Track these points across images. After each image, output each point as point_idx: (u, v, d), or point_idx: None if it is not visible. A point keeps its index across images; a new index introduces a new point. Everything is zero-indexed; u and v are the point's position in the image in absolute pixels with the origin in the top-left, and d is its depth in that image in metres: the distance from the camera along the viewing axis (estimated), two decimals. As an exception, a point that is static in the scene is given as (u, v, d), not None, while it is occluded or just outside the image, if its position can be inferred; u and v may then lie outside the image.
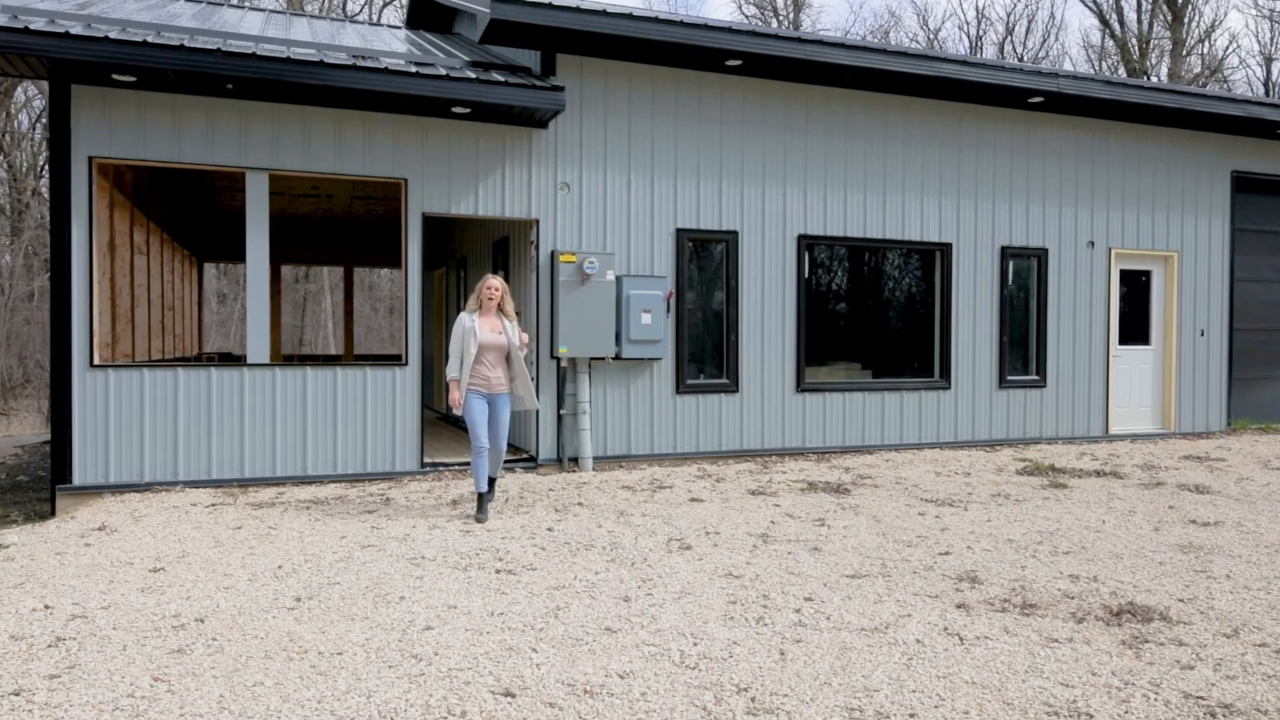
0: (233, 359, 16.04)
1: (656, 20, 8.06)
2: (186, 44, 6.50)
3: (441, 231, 13.65)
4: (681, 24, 8.11)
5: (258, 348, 7.40)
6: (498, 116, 7.93)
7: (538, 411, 8.30)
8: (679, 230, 8.81)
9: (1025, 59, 33.01)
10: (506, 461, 8.37)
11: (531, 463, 8.32)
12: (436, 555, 5.28)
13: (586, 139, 8.43)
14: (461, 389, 6.13)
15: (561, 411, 8.34)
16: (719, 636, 3.93)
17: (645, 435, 8.66)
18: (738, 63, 8.70)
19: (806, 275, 9.45)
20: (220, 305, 29.63)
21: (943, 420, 10.04)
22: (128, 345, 9.11)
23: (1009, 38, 34.35)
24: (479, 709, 3.19)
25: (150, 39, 6.48)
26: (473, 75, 7.38)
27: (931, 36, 35.49)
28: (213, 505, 6.64)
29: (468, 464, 8.18)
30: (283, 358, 16.69)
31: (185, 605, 4.34)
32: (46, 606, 4.33)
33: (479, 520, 6.12)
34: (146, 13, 7.86)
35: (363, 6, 29.35)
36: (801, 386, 9.36)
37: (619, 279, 8.46)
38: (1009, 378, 10.31)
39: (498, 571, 4.95)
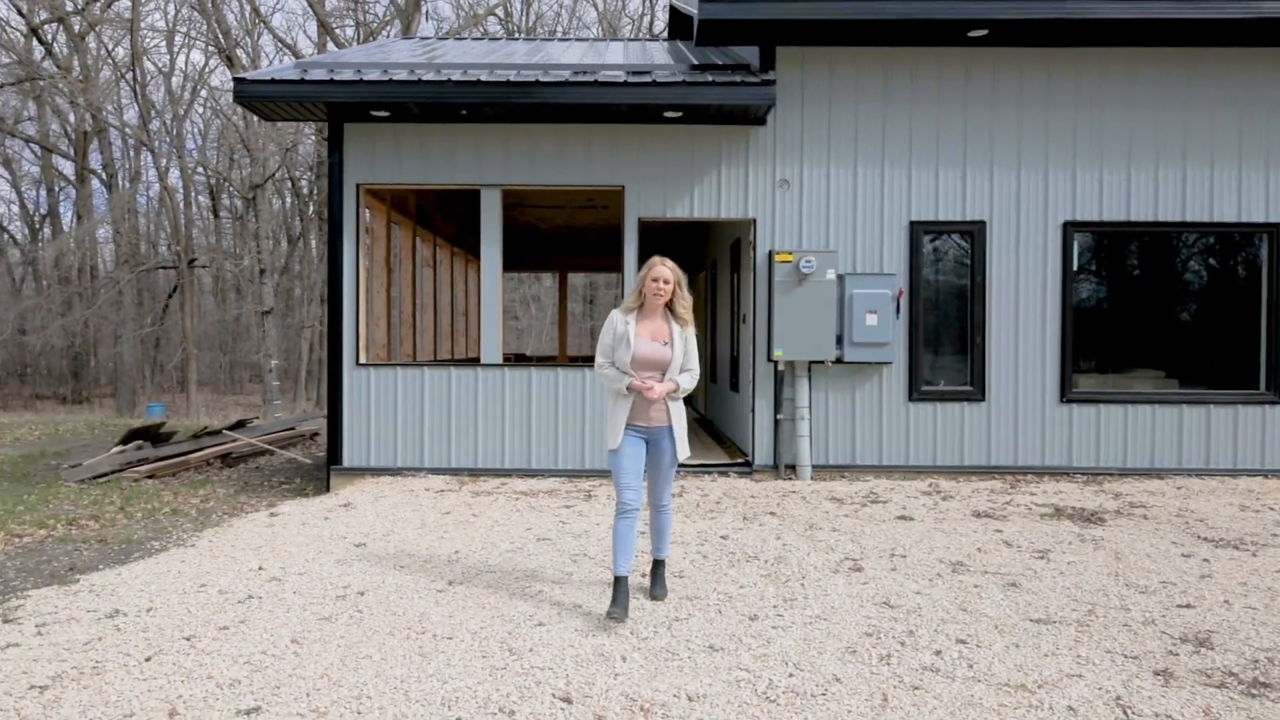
0: (524, 359, 17.67)
1: (883, -2, 7.47)
2: (424, 78, 7.28)
3: (698, 236, 13.87)
4: (912, -2, 7.44)
5: (490, 350, 8.06)
6: (710, 117, 7.86)
7: (753, 415, 8.10)
8: (913, 223, 8.08)
9: None
10: (718, 466, 8.26)
11: (746, 468, 8.13)
12: (597, 554, 5.36)
13: (809, 132, 8.06)
14: (611, 425, 4.29)
15: (779, 416, 8.05)
16: (826, 671, 3.54)
17: (872, 445, 8.06)
18: (982, 33, 7.78)
19: (1074, 267, 8.18)
20: (525, 311, 32.66)
21: (1272, 443, 8.13)
22: (409, 347, 10.40)
23: None
24: (529, 711, 3.18)
25: (397, 77, 7.35)
26: (679, 78, 7.40)
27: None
28: (441, 491, 7.35)
29: (684, 465, 8.21)
30: (568, 359, 18.01)
31: (360, 578, 4.85)
32: (260, 568, 5.08)
33: (612, 617, 4.03)
34: (405, 54, 8.92)
35: (652, 25, 30.77)
36: (1067, 396, 8.12)
37: (841, 278, 7.97)
38: (1371, 391, 8.08)
39: (644, 575, 4.90)
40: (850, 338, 7.90)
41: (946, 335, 8.19)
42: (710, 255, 12.65)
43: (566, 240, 16.42)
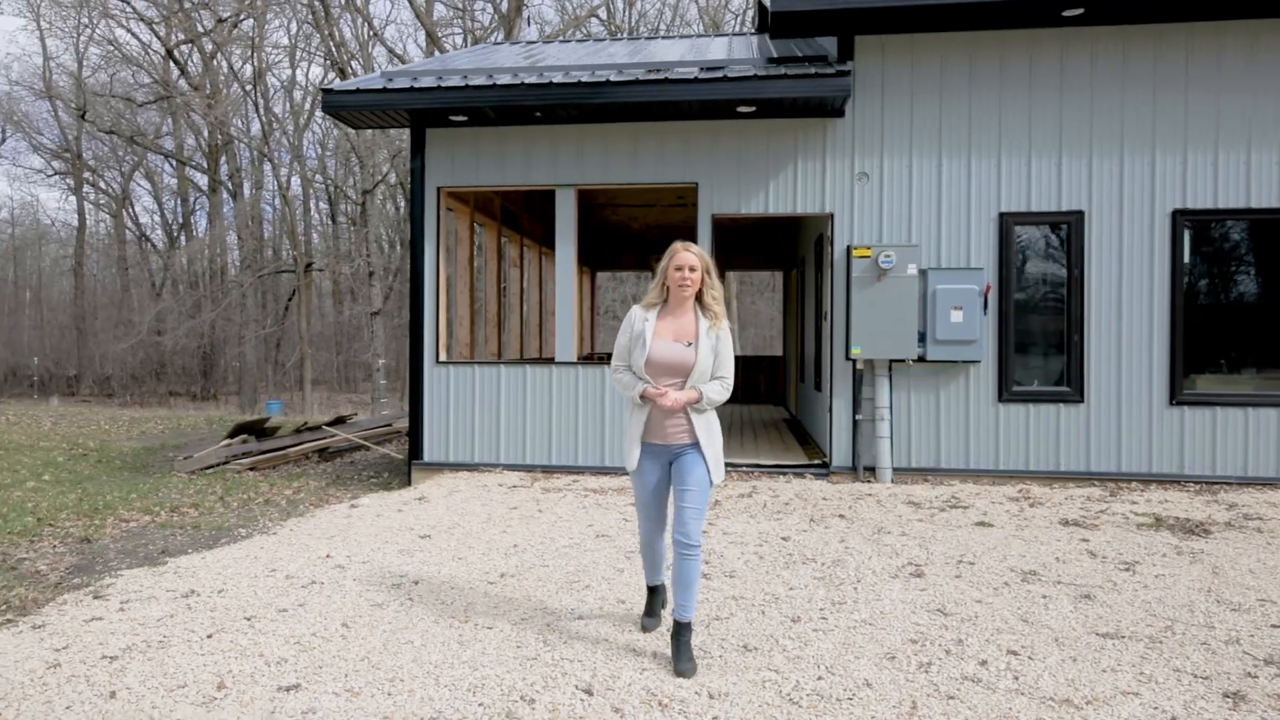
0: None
1: (966, -20, 7.16)
2: (497, 82, 7.43)
3: (789, 233, 13.64)
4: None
5: (565, 347, 8.16)
6: (784, 111, 7.72)
7: (830, 415, 7.90)
8: (1002, 215, 7.70)
9: None
10: (794, 467, 8.09)
11: (823, 469, 7.93)
12: (653, 551, 5.34)
13: (889, 123, 7.80)
14: (626, 440, 3.70)
15: (858, 417, 7.82)
16: (858, 676, 3.41)
17: (958, 447, 7.73)
18: (1078, 11, 7.34)
19: (1185, 259, 7.61)
20: (625, 311, 32.88)
21: None
22: (495, 346, 10.65)
23: None
24: (549, 701, 3.20)
25: (473, 82, 7.54)
26: (750, 73, 7.30)
27: None
28: (514, 487, 7.49)
29: (759, 466, 8.09)
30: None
31: (418, 568, 5.00)
32: (329, 555, 5.31)
33: (644, 628, 3.91)
34: (507, 58, 9.13)
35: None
36: (1177, 398, 7.56)
37: (923, 273, 7.67)
38: None
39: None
40: (933, 335, 7.60)
41: (1040, 332, 7.76)
42: (800, 252, 12.42)
43: (658, 239, 16.47)
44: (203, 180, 32.35)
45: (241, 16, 26.90)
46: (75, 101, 30.45)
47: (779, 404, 16.66)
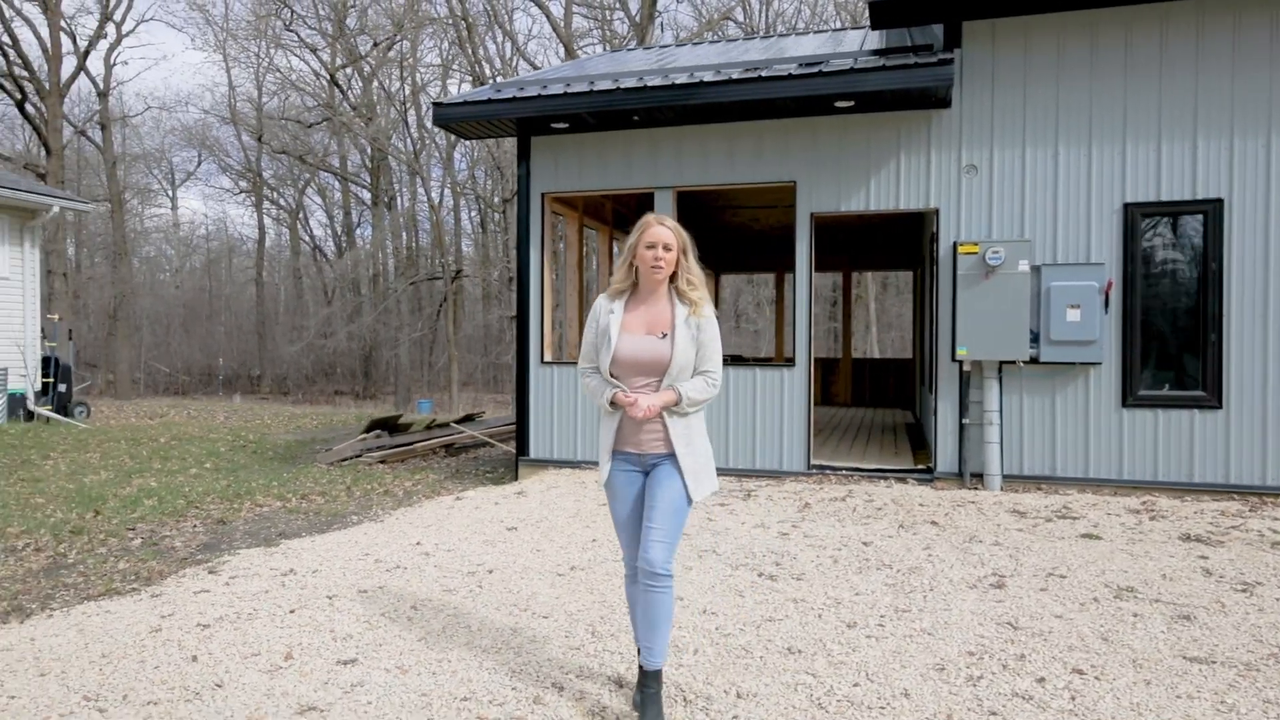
0: (740, 360, 17.66)
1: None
2: (595, 88, 7.62)
3: (912, 230, 13.16)
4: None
5: (664, 348, 8.23)
6: (885, 103, 7.49)
7: (935, 418, 7.59)
8: (1127, 205, 7.16)
9: None
10: (895, 471, 7.81)
11: (928, 475, 7.63)
12: (726, 551, 5.34)
13: (1000, 111, 7.41)
14: (599, 448, 3.23)
15: (964, 421, 7.47)
16: (898, 685, 3.31)
17: (1076, 455, 7.24)
18: (1214, -19, 6.73)
19: (1347, 250, 6.81)
20: (760, 314, 32.53)
21: None
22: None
23: None
24: (580, 688, 3.29)
25: (573, 89, 7.76)
26: (846, 67, 7.13)
27: None
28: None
29: (859, 470, 7.88)
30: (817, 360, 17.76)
31: (496, 558, 5.22)
32: (418, 543, 5.63)
33: (635, 705, 3.11)
34: (640, 62, 9.35)
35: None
36: (1338, 404, 6.78)
37: (1036, 269, 7.24)
38: None
39: (760, 574, 4.82)
40: (1047, 335, 7.16)
41: (1169, 332, 7.16)
42: (921, 250, 11.98)
43: (782, 239, 16.28)
44: (365, 194, 34.74)
45: (397, 39, 28.72)
46: (254, 126, 33.43)
47: (907, 408, 16.09)
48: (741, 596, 4.44)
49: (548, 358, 8.54)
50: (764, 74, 7.33)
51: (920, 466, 7.97)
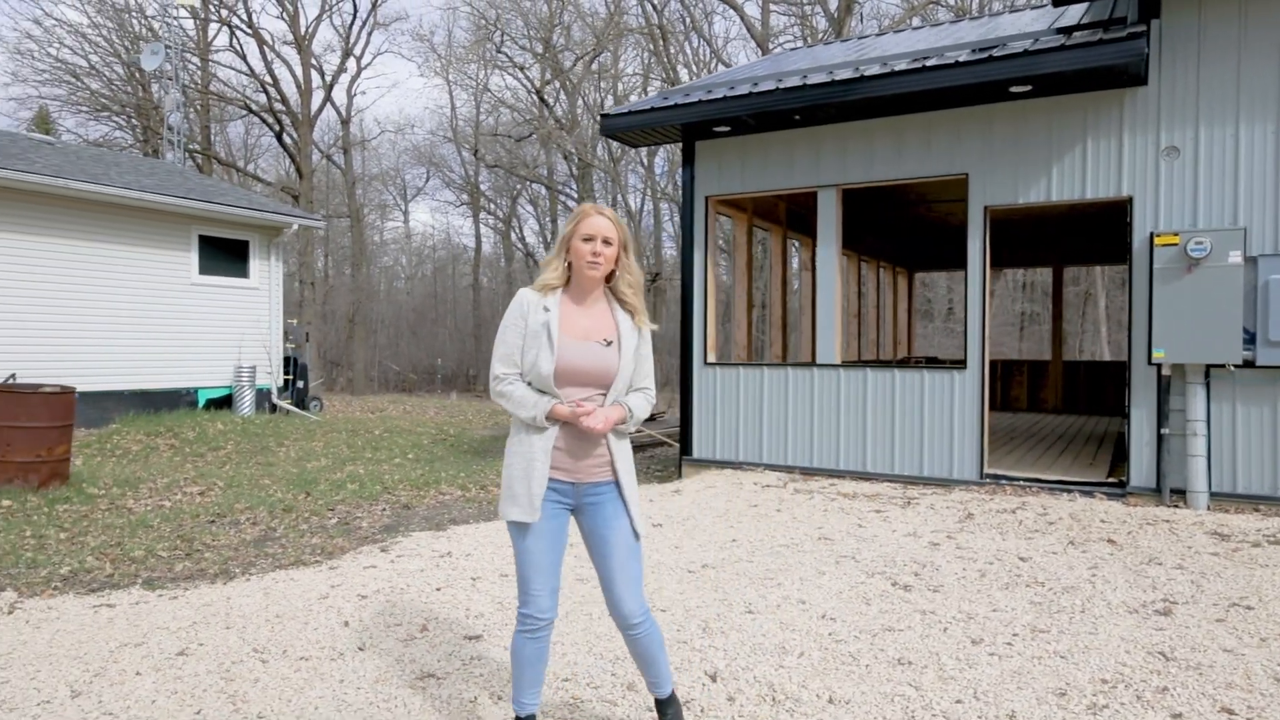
0: (937, 363, 16.80)
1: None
2: (754, 90, 7.62)
3: (1118, 220, 11.93)
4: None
5: (826, 349, 8.08)
6: (1068, 86, 6.91)
7: (1129, 427, 6.90)
8: (1371, 184, 6.16)
9: None
10: (1081, 484, 7.16)
11: (1119, 488, 6.94)
12: (867, 559, 5.19)
13: (1207, 85, 6.62)
14: (510, 476, 2.67)
15: (1163, 431, 6.73)
16: (1005, 706, 3.11)
17: (1303, 472, 6.32)
18: None
19: None
20: (948, 316, 30.59)
21: None
22: (778, 348, 10.80)
23: None
24: (681, 683, 3.36)
25: (734, 93, 7.81)
26: (1019, 49, 6.66)
27: None
28: (767, 486, 7.61)
29: (1039, 481, 7.32)
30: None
31: (635, 552, 5.39)
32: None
33: None
34: (839, 54, 9.30)
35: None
36: None
37: (1252, 260, 6.40)
38: None
39: (894, 584, 4.65)
40: (1266, 335, 6.32)
41: None
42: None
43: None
44: (572, 202, 36.49)
45: (598, 54, 29.97)
46: (472, 142, 36.09)
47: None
48: (867, 604, 4.32)
49: (711, 358, 8.63)
50: (929, 64, 7.01)
51: (1111, 480, 7.27)
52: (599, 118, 8.78)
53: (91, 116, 29.57)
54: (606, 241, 2.66)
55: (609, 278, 2.73)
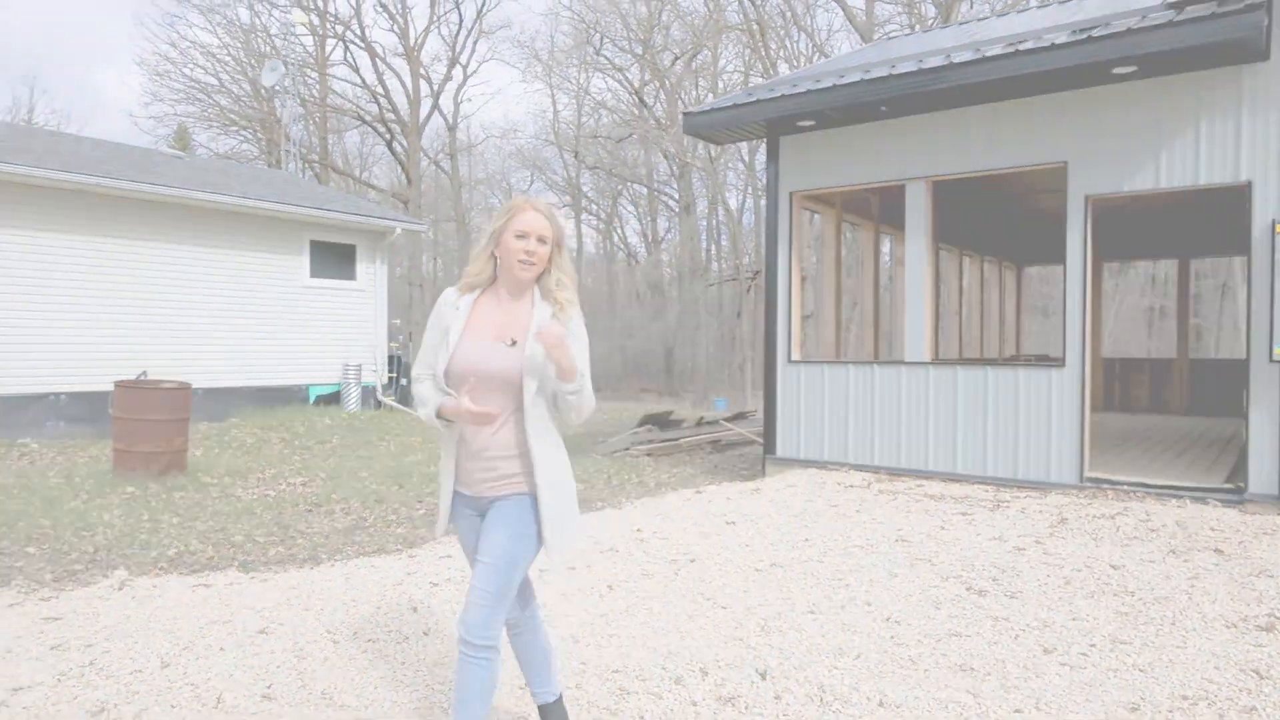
0: (1048, 360, 15.98)
1: None
2: (838, 83, 7.46)
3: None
4: None
5: (915, 347, 7.83)
6: (1177, 65, 6.46)
7: (1248, 430, 6.40)
8: None
9: None
10: (1192, 490, 6.68)
11: (1235, 494, 6.45)
12: (943, 561, 5.01)
13: (1338, 58, 6.08)
14: (440, 490, 2.60)
15: (1286, 433, 6.22)
16: (1071, 718, 2.96)
17: None
18: None
19: None
20: (1046, 317, 28.98)
21: None
22: (870, 345, 10.54)
23: None
24: (720, 677, 3.36)
25: (819, 86, 7.66)
26: (1122, 28, 6.27)
27: None
28: (851, 486, 7.44)
29: (1145, 485, 6.88)
30: (1103, 359, 15.75)
31: (704, 549, 5.38)
32: (638, 530, 5.96)
33: None
34: (949, 39, 9.00)
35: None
36: None
37: (1389, 248, 5.83)
38: None
39: (969, 589, 4.48)
40: (1406, 330, 5.75)
41: None
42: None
43: (1107, 225, 14.51)
44: (672, 202, 36.62)
45: (698, 53, 29.95)
46: (573, 145, 36.69)
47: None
48: (937, 609, 4.17)
49: (795, 356, 8.50)
50: (1023, 48, 6.69)
51: (1228, 485, 6.76)
52: (682, 116, 8.78)
53: (222, 131, 31.65)
54: (541, 240, 2.49)
55: (542, 281, 2.55)
